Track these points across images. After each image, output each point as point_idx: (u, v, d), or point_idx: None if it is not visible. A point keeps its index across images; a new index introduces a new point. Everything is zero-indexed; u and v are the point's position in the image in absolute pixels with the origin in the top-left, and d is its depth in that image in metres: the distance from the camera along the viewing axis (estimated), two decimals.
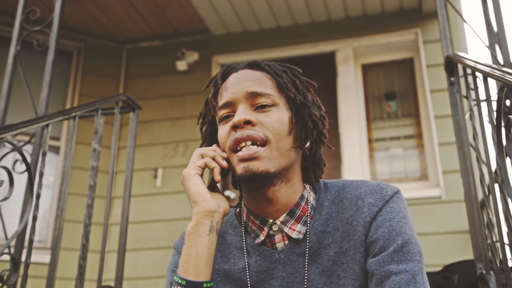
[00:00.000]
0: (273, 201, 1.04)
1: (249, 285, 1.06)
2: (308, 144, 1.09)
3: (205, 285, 0.98)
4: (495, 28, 2.39)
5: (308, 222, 1.06)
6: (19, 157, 2.23)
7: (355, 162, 4.41)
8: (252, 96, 1.05)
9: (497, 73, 1.67)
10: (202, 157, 1.07)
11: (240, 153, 1.01)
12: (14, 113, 3.74)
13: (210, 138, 1.16)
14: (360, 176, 4.32)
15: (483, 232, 2.11)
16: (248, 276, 1.06)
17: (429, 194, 4.14)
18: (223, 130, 1.06)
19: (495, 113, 1.73)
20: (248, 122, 1.01)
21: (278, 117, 1.04)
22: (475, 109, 2.16)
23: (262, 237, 1.06)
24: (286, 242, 1.05)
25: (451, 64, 2.38)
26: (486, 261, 2.03)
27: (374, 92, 4.86)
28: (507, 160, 1.64)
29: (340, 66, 4.78)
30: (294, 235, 1.04)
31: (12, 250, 2.40)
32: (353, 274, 0.99)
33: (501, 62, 2.31)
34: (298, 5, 4.74)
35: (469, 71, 2.18)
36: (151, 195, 4.73)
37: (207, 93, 1.19)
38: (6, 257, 2.19)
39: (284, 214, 1.05)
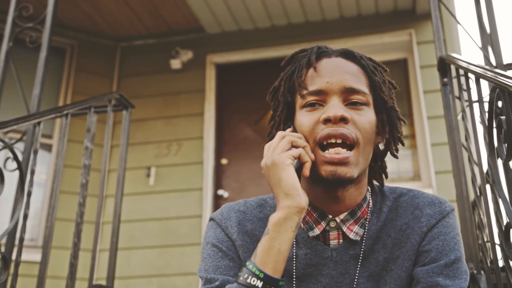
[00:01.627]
0: (340, 200, 1.02)
1: (294, 276, 1.03)
2: (389, 148, 1.08)
3: (280, 283, 0.92)
4: (488, 30, 2.40)
5: (366, 225, 1.04)
6: (10, 154, 2.21)
7: None
8: (349, 91, 1.00)
9: (490, 74, 1.67)
10: (292, 145, 0.99)
11: (328, 155, 0.96)
12: (6, 110, 3.71)
13: (285, 120, 1.09)
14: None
15: (474, 232, 2.12)
16: (294, 267, 1.03)
17: None
18: (308, 118, 1.01)
19: (487, 114, 1.74)
20: (343, 119, 0.97)
21: (370, 118, 1.01)
22: (467, 110, 2.17)
23: (317, 231, 1.03)
24: (341, 241, 1.03)
25: (444, 65, 2.38)
26: (477, 261, 2.04)
27: None
28: (498, 161, 1.64)
29: None
30: (351, 235, 1.02)
31: (3, 249, 2.39)
32: (398, 281, 0.99)
33: (494, 63, 2.32)
34: (293, 5, 4.74)
35: (462, 72, 2.19)
36: (144, 194, 4.72)
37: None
38: None
39: (346, 213, 1.03)
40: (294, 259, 1.04)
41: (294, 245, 1.04)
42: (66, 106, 2.52)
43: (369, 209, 1.06)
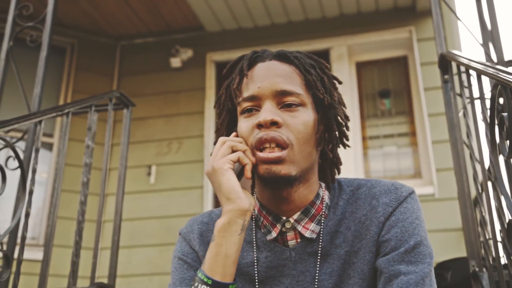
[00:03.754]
0: (289, 200, 1.02)
1: (256, 280, 1.04)
2: (330, 145, 1.07)
3: (230, 286, 0.94)
4: (488, 26, 2.40)
5: (322, 221, 1.04)
6: (11, 153, 2.21)
7: (349, 160, 4.42)
8: (281, 94, 1.01)
9: (491, 70, 1.67)
10: (233, 150, 1.01)
11: (263, 155, 0.98)
12: (7, 109, 3.71)
13: (228, 126, 1.12)
14: (354, 174, 4.33)
15: (476, 229, 2.12)
16: (256, 271, 1.05)
17: (422, 192, 4.15)
18: (245, 124, 1.03)
19: (488, 111, 1.74)
20: (274, 123, 0.98)
21: (304, 119, 1.00)
22: (468, 107, 2.17)
23: (274, 234, 1.04)
24: (299, 240, 1.04)
25: (445, 62, 2.38)
26: (479, 259, 2.04)
27: (368, 90, 4.87)
28: (500, 158, 1.64)
29: (334, 64, 4.78)
30: (307, 234, 1.03)
31: (5, 247, 2.39)
32: (361, 274, 0.98)
33: (495, 60, 2.32)
34: (293, 3, 4.74)
35: (463, 69, 2.18)
36: (145, 192, 4.72)
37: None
38: None
39: (299, 213, 1.03)
40: (256, 263, 1.05)
41: (255, 250, 1.06)
42: (67, 104, 2.52)
43: (324, 204, 1.06)
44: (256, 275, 1.04)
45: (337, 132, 1.07)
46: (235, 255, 0.96)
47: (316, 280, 1.01)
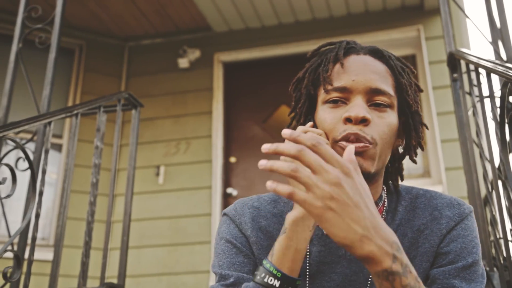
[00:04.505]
0: None
1: (308, 273, 1.02)
2: (407, 152, 1.06)
3: (298, 282, 0.90)
4: (498, 24, 2.38)
5: None
6: (21, 154, 2.23)
7: None
8: (374, 92, 0.98)
9: (500, 69, 1.66)
10: None
11: (347, 144, 0.94)
12: (17, 111, 3.74)
13: (305, 112, 1.08)
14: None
15: (487, 228, 2.11)
16: (308, 265, 1.02)
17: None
18: (330, 115, 0.99)
19: (498, 110, 1.73)
20: (364, 120, 0.95)
21: (391, 121, 0.98)
22: (478, 105, 2.16)
23: None
24: None
25: (454, 61, 2.37)
26: (490, 258, 2.03)
27: None
28: (510, 156, 1.63)
29: None
30: None
31: (15, 248, 2.41)
32: None
33: (504, 58, 2.30)
34: (300, 2, 4.73)
35: (472, 67, 2.17)
36: (154, 193, 4.74)
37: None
38: (9, 255, 2.19)
39: None
40: (308, 257, 1.02)
41: (308, 243, 1.03)
42: (76, 106, 2.53)
43: (384, 208, 1.05)
44: (307, 268, 1.02)
45: (417, 140, 1.06)
46: (303, 251, 0.91)
47: (369, 282, 0.99)
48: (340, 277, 1.00)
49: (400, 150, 1.08)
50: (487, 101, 2.05)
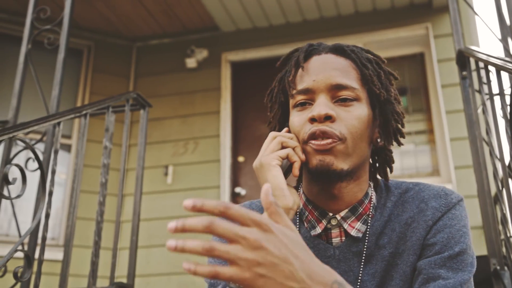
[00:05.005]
0: (338, 197, 1.00)
1: None
2: (386, 142, 1.05)
3: None
4: (507, 21, 2.36)
5: (369, 221, 1.02)
6: (31, 155, 2.24)
7: None
8: (336, 88, 0.98)
9: (510, 66, 1.65)
10: (282, 146, 0.99)
11: (315, 142, 0.95)
12: (26, 112, 3.76)
13: (280, 120, 1.10)
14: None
15: (497, 227, 2.09)
16: None
17: None
18: (297, 118, 1.00)
19: (508, 107, 1.72)
20: (328, 117, 0.96)
21: (359, 114, 0.98)
22: (488, 103, 2.14)
23: (319, 230, 1.02)
24: (343, 238, 1.02)
25: (463, 58, 2.35)
26: (500, 257, 2.01)
27: None
28: None
29: None
30: (353, 232, 1.01)
31: (26, 247, 2.42)
32: (402, 275, 0.97)
33: None
34: (307, 1, 4.72)
35: (481, 64, 2.16)
36: (162, 192, 4.75)
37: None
38: (20, 254, 2.20)
39: (346, 210, 1.01)
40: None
41: None
42: (84, 106, 2.54)
43: (372, 205, 1.04)
44: None
45: (394, 129, 1.05)
46: None
47: (359, 280, 0.99)
48: None
49: (384, 141, 1.06)
50: (497, 99, 2.04)
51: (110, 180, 2.68)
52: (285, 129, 1.04)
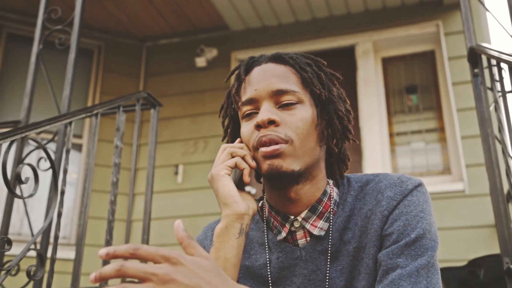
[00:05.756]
0: (295, 199, 1.03)
1: (270, 281, 1.04)
2: (334, 140, 1.07)
3: None
4: None
5: (331, 218, 1.04)
6: (43, 154, 2.26)
7: (376, 157, 4.38)
8: (277, 94, 1.02)
9: None
10: (232, 156, 1.04)
11: (263, 149, 0.99)
12: (38, 111, 3.79)
13: (232, 133, 1.14)
14: (381, 171, 4.28)
15: (510, 225, 2.08)
16: (269, 273, 1.05)
17: (452, 188, 4.09)
18: (246, 128, 1.04)
19: None
20: (272, 122, 0.99)
21: (302, 116, 1.01)
22: (500, 100, 2.13)
23: (284, 234, 1.05)
24: (308, 239, 1.03)
25: (475, 56, 2.34)
26: None
27: (395, 85, 4.81)
28: None
29: (360, 60, 4.74)
30: (315, 232, 1.02)
31: (38, 246, 2.44)
32: (367, 269, 0.97)
33: None
34: None
35: (493, 62, 2.14)
36: (172, 192, 4.76)
37: (227, 89, 1.18)
38: (32, 253, 2.22)
39: (306, 211, 1.03)
40: (268, 265, 1.06)
41: (267, 251, 1.06)
42: (95, 106, 2.56)
43: (332, 201, 1.05)
44: (269, 276, 1.05)
45: (339, 127, 1.07)
46: (235, 259, 0.97)
47: (327, 278, 1.00)
48: (299, 279, 1.02)
49: (333, 140, 1.08)
50: (509, 96, 2.02)
51: (121, 179, 2.69)
52: (238, 139, 1.08)
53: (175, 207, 4.70)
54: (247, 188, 4.48)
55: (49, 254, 2.38)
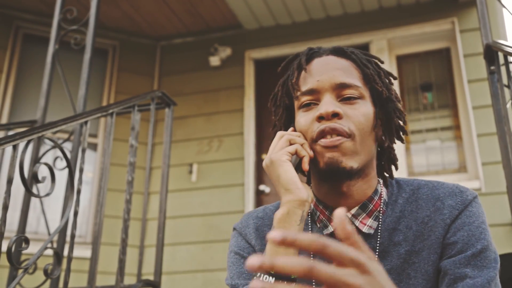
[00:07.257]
0: (347, 195, 1.02)
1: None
2: (389, 139, 1.07)
3: (292, 276, 0.91)
4: None
5: (380, 217, 1.03)
6: (59, 154, 2.28)
7: None
8: (340, 87, 1.01)
9: None
10: (291, 143, 1.02)
11: (323, 140, 0.98)
12: (54, 111, 3.83)
13: (285, 123, 1.13)
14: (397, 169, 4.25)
15: None
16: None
17: (468, 186, 4.04)
18: (304, 118, 1.03)
19: None
20: (335, 115, 0.98)
21: (364, 111, 1.01)
22: None
23: (331, 229, 1.03)
24: None
25: (491, 53, 2.31)
26: None
27: (410, 83, 4.78)
28: None
29: None
30: (365, 229, 1.02)
31: (55, 245, 2.47)
32: (425, 275, 0.97)
33: None
34: None
35: (510, 59, 2.12)
36: (187, 190, 4.78)
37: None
38: (49, 252, 2.25)
39: (356, 208, 1.03)
40: (312, 259, 1.04)
41: None
42: (111, 105, 2.57)
43: (382, 201, 1.05)
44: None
45: (396, 127, 1.07)
46: None
47: None
48: None
49: (387, 139, 1.08)
50: None
51: (136, 178, 2.71)
52: (291, 128, 1.08)
53: (189, 206, 4.71)
54: (261, 187, 4.45)
55: (65, 252, 2.41)
